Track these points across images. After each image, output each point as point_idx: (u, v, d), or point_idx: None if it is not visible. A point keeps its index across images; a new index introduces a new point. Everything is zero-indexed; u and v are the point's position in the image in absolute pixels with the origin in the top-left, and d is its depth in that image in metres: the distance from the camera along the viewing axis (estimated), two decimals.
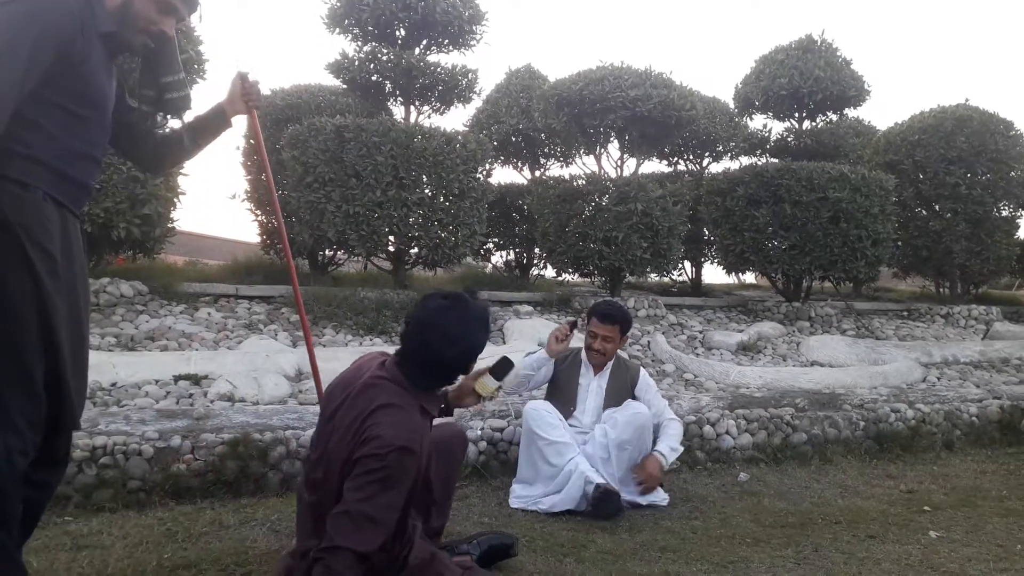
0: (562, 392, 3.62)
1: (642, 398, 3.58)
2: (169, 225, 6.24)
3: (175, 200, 6.20)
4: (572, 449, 3.30)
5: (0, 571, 1.80)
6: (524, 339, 6.02)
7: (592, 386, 3.59)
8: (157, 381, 4.42)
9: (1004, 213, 9.26)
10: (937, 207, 9.11)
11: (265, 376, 4.48)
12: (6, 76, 1.69)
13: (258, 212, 8.25)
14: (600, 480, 3.17)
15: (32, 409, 1.80)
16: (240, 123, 8.79)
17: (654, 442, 3.48)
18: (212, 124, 2.40)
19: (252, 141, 8.18)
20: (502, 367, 2.42)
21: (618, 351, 3.71)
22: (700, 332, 7.04)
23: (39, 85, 1.77)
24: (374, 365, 2.22)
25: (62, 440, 2.00)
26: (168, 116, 2.26)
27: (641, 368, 3.79)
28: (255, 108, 2.51)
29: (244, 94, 2.43)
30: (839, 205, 7.58)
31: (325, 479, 2.09)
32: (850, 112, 9.60)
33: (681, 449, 3.57)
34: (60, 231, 1.83)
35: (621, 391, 3.57)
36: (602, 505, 3.08)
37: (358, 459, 1.98)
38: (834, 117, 9.42)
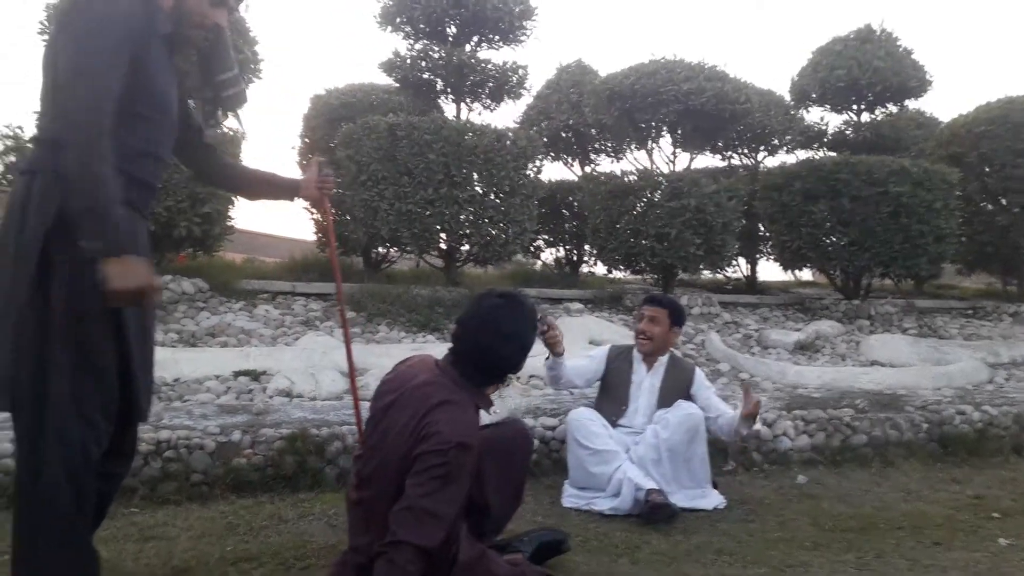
0: (613, 390, 3.58)
1: (698, 398, 3.52)
2: (228, 223, 6.39)
3: (233, 199, 6.34)
4: (618, 457, 3.24)
5: (76, 555, 1.88)
6: (575, 337, 5.99)
7: (645, 384, 3.55)
8: (218, 377, 4.53)
9: None
10: (1004, 201, 8.76)
11: (322, 372, 4.57)
12: (101, 82, 1.73)
13: (313, 211, 8.39)
14: (651, 484, 3.12)
15: (105, 401, 1.87)
16: (296, 122, 8.94)
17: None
18: (278, 191, 2.56)
19: (307, 140, 8.33)
20: None
21: (672, 350, 3.67)
22: (756, 331, 6.92)
23: None
24: (428, 364, 2.26)
25: (130, 433, 2.07)
26: (227, 112, 2.32)
27: (696, 368, 3.73)
28: (327, 195, 2.62)
29: (320, 182, 2.55)
30: (900, 200, 7.36)
31: (376, 475, 2.13)
32: (911, 103, 9.31)
33: (758, 425, 3.70)
34: (129, 231, 1.85)
35: (675, 390, 3.52)
36: (654, 516, 3.03)
37: (418, 455, 2.01)
38: (894, 109, 9.15)
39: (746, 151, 9.92)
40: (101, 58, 1.73)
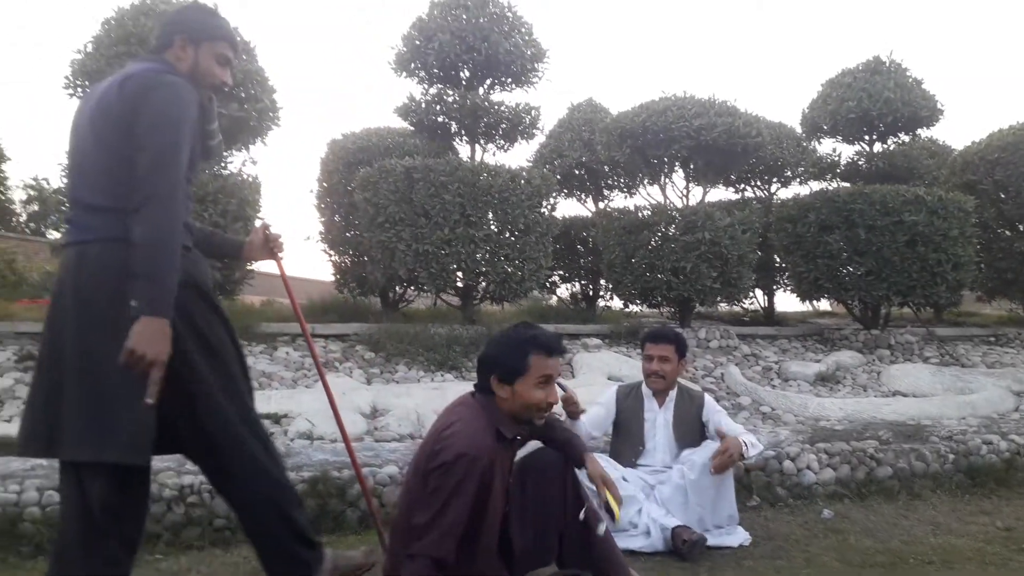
0: (629, 432, 3.57)
1: (711, 423, 3.50)
2: (248, 268, 6.48)
3: None
4: (636, 501, 3.22)
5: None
6: (594, 373, 6.00)
7: (659, 420, 3.54)
8: None
9: None
10: (1022, 227, 8.72)
11: (342, 414, 4.58)
12: (179, 172, 1.99)
13: (331, 252, 8.49)
14: (675, 522, 3.12)
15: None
16: (314, 166, 9.07)
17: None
18: (227, 252, 2.71)
19: (325, 184, 8.47)
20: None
21: (680, 380, 3.65)
22: (776, 363, 6.88)
23: None
24: (464, 396, 2.43)
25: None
26: (211, 160, 2.59)
27: (705, 394, 3.73)
28: (279, 255, 2.70)
29: (268, 242, 2.64)
30: (916, 228, 7.35)
31: (407, 491, 2.30)
32: (923, 132, 9.32)
33: (761, 447, 3.57)
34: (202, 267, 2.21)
35: (689, 421, 3.52)
36: (692, 553, 3.02)
37: (429, 471, 2.15)
38: (906, 138, 9.15)
39: (759, 183, 9.96)
40: (179, 150, 2.00)
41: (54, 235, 18.25)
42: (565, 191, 9.83)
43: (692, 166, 7.67)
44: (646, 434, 3.53)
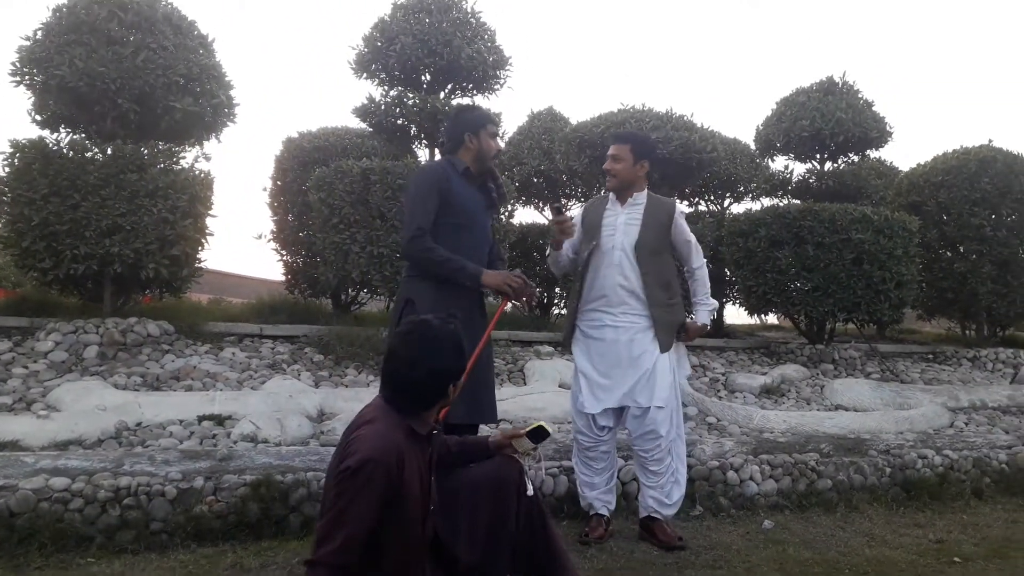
0: (589, 230, 3.58)
1: (677, 234, 3.56)
2: (197, 265, 6.34)
3: (203, 241, 6.31)
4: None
5: None
6: (545, 380, 6.02)
7: (619, 220, 3.52)
8: (181, 421, 4.46)
9: None
10: (962, 249, 9.02)
11: (288, 417, 4.52)
12: (425, 209, 3.14)
13: (283, 252, 8.37)
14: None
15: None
16: (268, 164, 8.96)
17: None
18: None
19: (279, 182, 8.35)
20: (539, 434, 2.54)
21: (649, 191, 3.63)
22: (723, 374, 6.99)
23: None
24: (377, 400, 2.33)
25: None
26: (502, 206, 3.69)
27: (677, 205, 3.66)
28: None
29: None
30: (862, 247, 7.54)
31: (323, 497, 2.21)
32: (872, 153, 9.58)
33: (715, 304, 3.72)
34: (447, 294, 3.07)
35: (654, 226, 3.51)
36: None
37: (338, 476, 2.08)
38: (856, 158, 9.41)
39: (712, 198, 10.12)
40: (417, 200, 3.18)
41: None
42: (523, 199, 9.87)
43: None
44: (603, 231, 3.51)
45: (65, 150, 5.82)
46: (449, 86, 7.62)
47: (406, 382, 2.21)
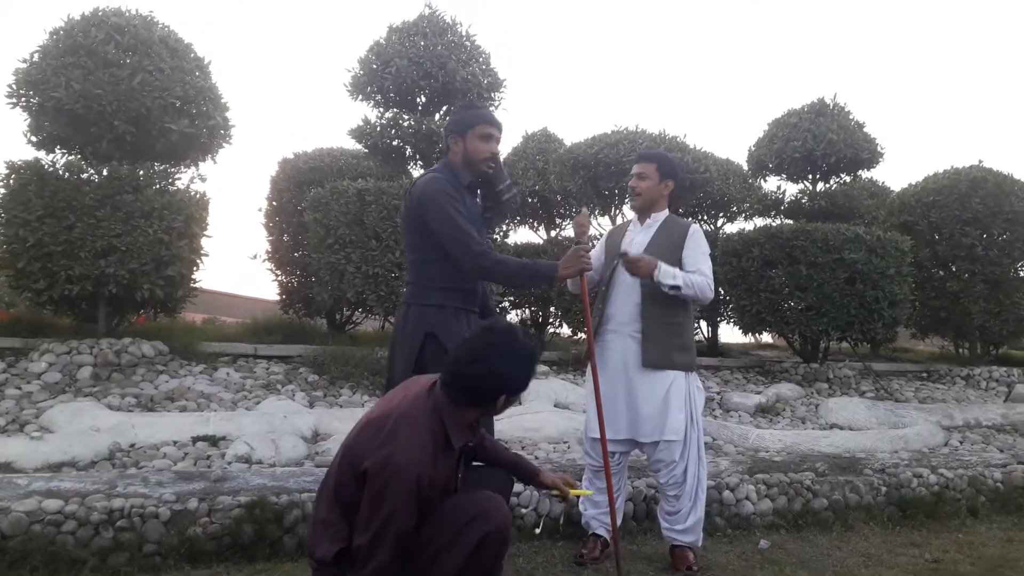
0: (610, 252, 3.54)
1: (686, 256, 3.41)
2: (191, 286, 6.35)
3: (198, 261, 6.31)
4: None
5: None
6: (541, 400, 6.01)
7: (636, 240, 3.47)
8: (176, 442, 4.44)
9: (1023, 274, 9.21)
10: (954, 268, 9.09)
11: (282, 438, 4.50)
12: (466, 220, 2.84)
13: (278, 272, 8.37)
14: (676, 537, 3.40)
15: None
16: (264, 184, 8.97)
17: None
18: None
19: (274, 202, 8.36)
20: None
21: (673, 215, 3.58)
22: (718, 393, 6.99)
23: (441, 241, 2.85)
24: (423, 382, 2.31)
25: None
26: (507, 214, 3.43)
27: (694, 225, 3.54)
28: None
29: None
30: (855, 266, 7.59)
31: (336, 482, 2.15)
32: (864, 173, 9.67)
33: (681, 286, 3.27)
34: (465, 325, 2.87)
35: (666, 245, 3.40)
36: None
37: (367, 477, 2.04)
38: (848, 179, 9.48)
39: (706, 217, 10.17)
40: (456, 217, 2.82)
41: None
42: (518, 218, 9.90)
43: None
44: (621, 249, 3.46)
45: (61, 171, 5.85)
46: (444, 108, 7.68)
47: (465, 372, 2.18)
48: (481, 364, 2.18)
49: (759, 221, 9.88)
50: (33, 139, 6.23)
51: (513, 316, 9.93)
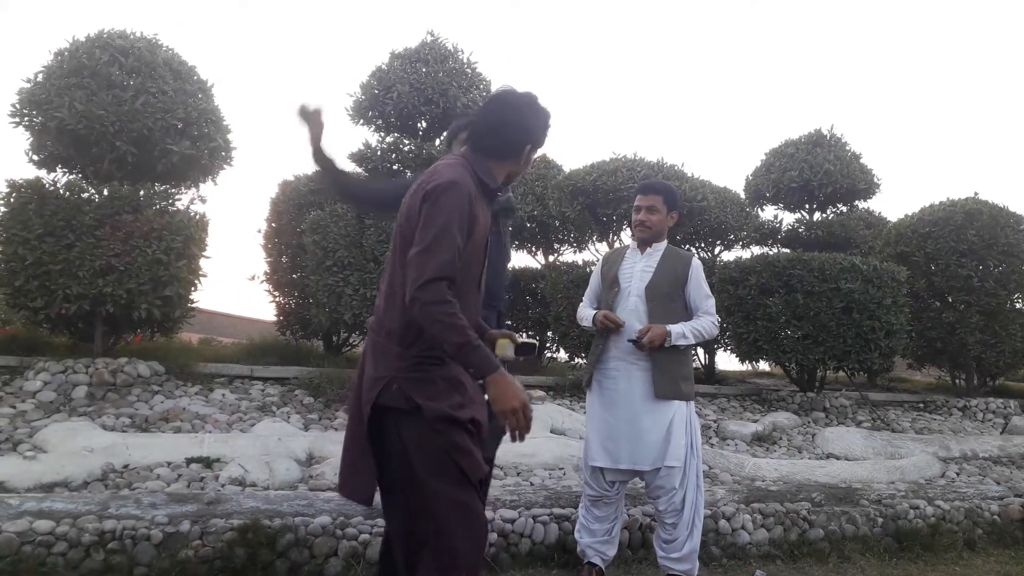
0: (608, 277, 3.61)
1: (691, 285, 3.49)
2: (189, 306, 6.34)
3: (196, 282, 6.32)
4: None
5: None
6: (536, 425, 5.93)
7: (637, 267, 3.53)
8: (169, 463, 4.42)
9: (1019, 305, 9.24)
10: (950, 299, 9.11)
11: (277, 460, 4.48)
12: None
13: (276, 293, 8.37)
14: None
15: None
16: (263, 206, 8.98)
17: None
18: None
19: (273, 224, 8.40)
20: (526, 348, 2.49)
21: (668, 243, 3.64)
22: (714, 421, 6.98)
23: None
24: (454, 156, 2.41)
25: None
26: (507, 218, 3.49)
27: (694, 258, 3.60)
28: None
29: None
30: (851, 296, 7.61)
31: (394, 255, 2.23)
32: (860, 204, 9.73)
33: (692, 339, 3.41)
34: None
35: (669, 276, 3.49)
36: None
37: (427, 194, 2.13)
38: (844, 209, 9.55)
39: (703, 245, 10.21)
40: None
41: None
42: (516, 243, 9.93)
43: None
44: (621, 277, 3.54)
45: (61, 190, 5.87)
46: (444, 134, 7.73)
47: (495, 123, 2.33)
48: (510, 113, 2.34)
49: (756, 249, 9.94)
50: (35, 158, 6.27)
51: None
